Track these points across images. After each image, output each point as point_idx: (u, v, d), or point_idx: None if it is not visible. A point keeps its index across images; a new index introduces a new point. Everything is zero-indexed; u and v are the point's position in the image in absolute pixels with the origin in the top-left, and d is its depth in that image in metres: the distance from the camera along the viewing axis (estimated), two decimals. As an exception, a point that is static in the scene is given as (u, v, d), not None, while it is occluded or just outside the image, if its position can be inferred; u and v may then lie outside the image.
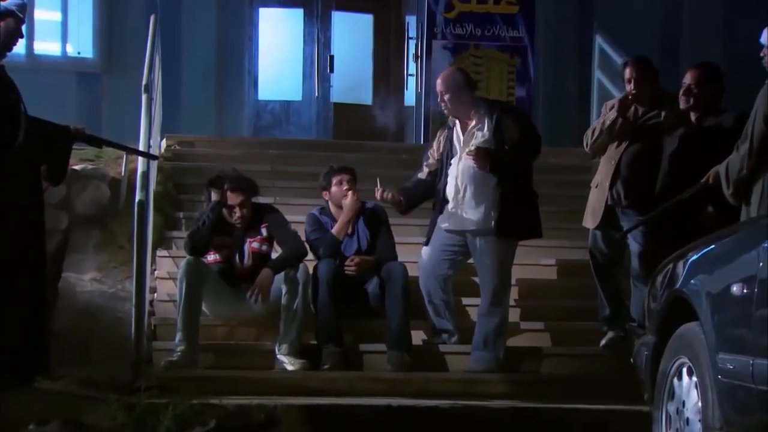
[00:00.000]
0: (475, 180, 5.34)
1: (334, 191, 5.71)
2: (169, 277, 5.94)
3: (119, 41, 9.29)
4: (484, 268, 5.38)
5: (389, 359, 5.36)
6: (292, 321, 5.33)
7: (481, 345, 5.37)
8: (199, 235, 5.43)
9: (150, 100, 6.31)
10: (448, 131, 5.50)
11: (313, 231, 5.69)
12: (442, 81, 5.40)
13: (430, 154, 5.56)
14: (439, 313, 5.51)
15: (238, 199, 5.50)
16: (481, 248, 5.37)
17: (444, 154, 5.47)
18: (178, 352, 5.23)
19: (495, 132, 5.32)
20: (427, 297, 5.49)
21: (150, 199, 5.85)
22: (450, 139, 5.45)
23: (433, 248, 5.48)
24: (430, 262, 5.47)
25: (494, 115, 5.35)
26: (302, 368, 5.27)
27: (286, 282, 5.37)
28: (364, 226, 5.73)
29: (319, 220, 5.75)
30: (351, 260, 5.58)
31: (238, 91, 9.80)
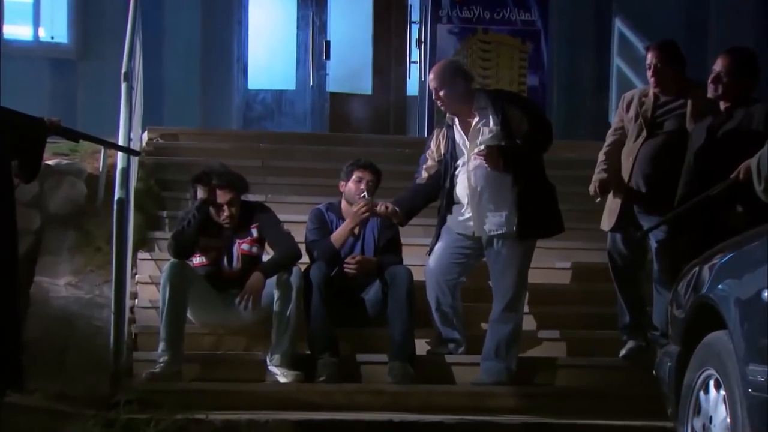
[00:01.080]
0: (489, 181, 5.33)
1: (350, 187, 5.69)
2: (151, 281, 5.95)
3: (96, 25, 9.29)
4: (501, 272, 5.39)
5: (390, 370, 5.36)
6: (285, 329, 5.33)
7: (492, 354, 5.37)
8: (183, 235, 5.43)
9: (130, 89, 6.31)
10: (447, 130, 5.46)
11: (313, 230, 5.69)
12: (436, 76, 5.35)
13: (429, 156, 5.52)
14: (448, 322, 5.51)
15: (226, 197, 5.51)
16: (498, 251, 5.37)
17: (447, 155, 5.44)
18: (161, 363, 5.24)
19: (503, 125, 5.31)
20: (434, 304, 5.49)
21: (130, 197, 5.85)
22: (452, 139, 5.42)
23: (442, 252, 5.48)
24: (439, 267, 5.47)
25: (498, 106, 5.34)
26: (296, 380, 5.28)
27: (279, 287, 5.38)
28: (376, 228, 5.71)
29: (324, 217, 5.73)
30: (352, 257, 5.57)
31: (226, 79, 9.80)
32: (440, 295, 5.47)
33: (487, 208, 5.35)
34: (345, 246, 5.66)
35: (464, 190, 5.40)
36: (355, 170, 5.68)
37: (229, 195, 5.51)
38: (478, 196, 5.36)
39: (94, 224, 6.56)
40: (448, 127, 5.47)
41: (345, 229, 5.62)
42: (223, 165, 5.66)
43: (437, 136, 5.53)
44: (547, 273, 6.28)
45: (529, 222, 5.31)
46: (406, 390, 5.27)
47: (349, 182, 5.68)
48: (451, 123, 5.45)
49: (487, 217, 5.35)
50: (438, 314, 5.50)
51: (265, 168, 7.47)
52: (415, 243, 6.24)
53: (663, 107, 5.41)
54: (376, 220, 5.69)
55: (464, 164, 5.39)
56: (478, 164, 5.32)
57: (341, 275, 5.59)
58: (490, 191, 5.34)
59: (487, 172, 5.32)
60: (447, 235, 5.48)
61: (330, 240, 5.61)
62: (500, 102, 5.37)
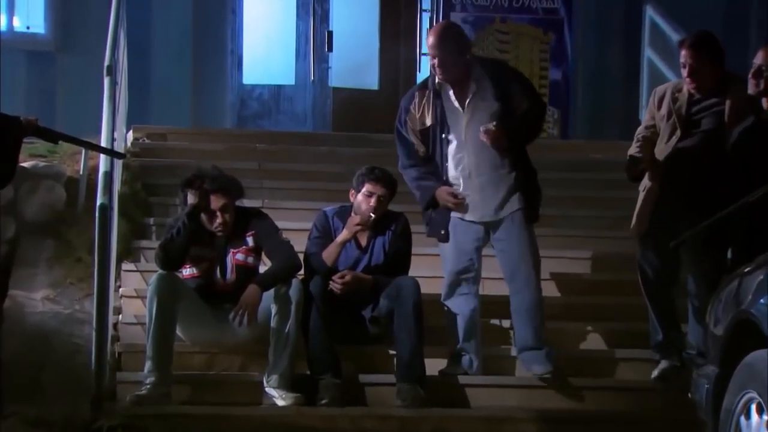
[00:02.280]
0: (489, 160, 5.39)
1: (359, 201, 5.67)
2: (136, 295, 5.96)
3: (77, 13, 9.32)
4: (521, 255, 5.44)
5: (399, 393, 5.37)
6: (284, 347, 5.34)
7: (533, 342, 5.44)
8: (172, 245, 5.45)
9: (114, 84, 6.33)
10: (434, 97, 5.43)
11: (314, 240, 5.69)
12: (436, 37, 5.35)
13: (410, 129, 5.47)
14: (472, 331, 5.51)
15: (219, 203, 5.52)
16: (510, 233, 5.43)
17: (436, 126, 5.43)
18: (148, 385, 5.24)
19: (503, 101, 5.35)
20: (456, 308, 5.50)
21: (114, 203, 5.87)
22: (440, 107, 5.41)
23: (456, 244, 5.48)
24: (459, 263, 5.47)
25: (499, 79, 5.39)
26: (295, 403, 5.29)
27: (277, 301, 5.39)
28: (387, 240, 5.70)
29: (328, 225, 5.73)
30: (340, 276, 5.57)
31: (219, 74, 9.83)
32: (465, 301, 5.47)
33: (488, 190, 5.41)
34: (349, 259, 5.66)
35: (460, 171, 5.41)
36: (366, 182, 5.66)
37: (223, 200, 5.52)
38: (476, 178, 5.40)
39: (74, 232, 6.57)
40: (434, 94, 5.44)
41: (336, 245, 5.61)
42: (215, 167, 5.68)
43: (418, 102, 5.48)
44: (571, 284, 6.28)
45: (531, 203, 5.43)
46: (417, 414, 5.28)
47: (359, 195, 5.67)
48: (440, 89, 5.42)
49: (487, 199, 5.41)
50: (467, 321, 5.49)
51: (262, 171, 7.48)
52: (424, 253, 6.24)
53: (699, 104, 5.41)
54: (387, 231, 5.69)
55: (457, 139, 5.39)
56: (477, 143, 5.33)
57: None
58: (491, 171, 5.40)
59: (487, 151, 5.35)
60: (454, 226, 5.48)
61: (321, 256, 5.61)
62: (501, 75, 5.42)
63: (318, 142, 8.40)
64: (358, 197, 5.67)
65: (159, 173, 7.29)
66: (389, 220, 5.73)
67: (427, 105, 5.45)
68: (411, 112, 5.50)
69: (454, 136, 5.42)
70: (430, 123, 5.46)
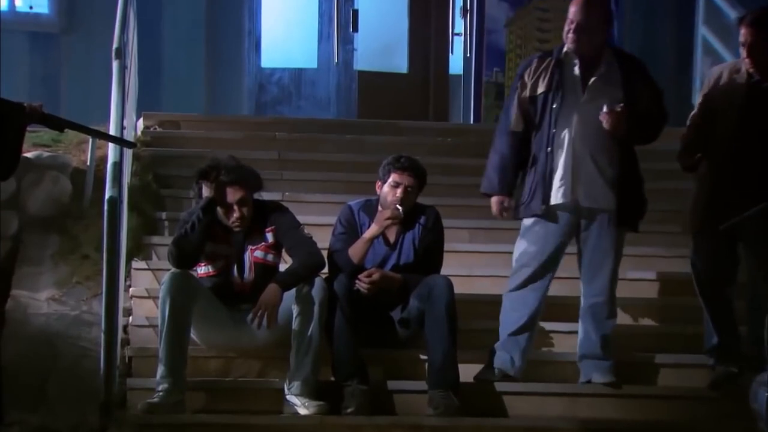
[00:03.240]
0: (596, 144, 5.40)
1: (385, 192, 5.68)
2: (148, 295, 5.98)
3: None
4: (605, 253, 5.46)
5: (431, 401, 5.37)
6: (306, 351, 5.35)
7: (598, 350, 5.47)
8: (186, 241, 5.46)
9: (123, 68, 6.36)
10: (554, 65, 5.45)
11: (339, 236, 5.70)
12: (582, 2, 5.37)
13: (519, 98, 5.47)
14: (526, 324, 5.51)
15: (236, 196, 5.53)
16: (602, 228, 5.44)
17: (550, 93, 5.43)
18: (161, 392, 5.27)
19: (627, 93, 5.38)
20: (521, 301, 5.49)
21: (124, 196, 5.89)
22: (560, 79, 5.43)
23: (542, 232, 5.47)
24: (541, 254, 5.46)
25: (629, 72, 5.44)
26: (319, 412, 5.29)
27: (299, 301, 5.40)
28: (417, 235, 5.70)
29: (353, 219, 5.73)
30: (368, 275, 5.58)
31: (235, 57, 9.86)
32: (534, 296, 5.49)
33: (593, 175, 5.42)
34: (377, 257, 5.66)
35: (565, 145, 5.42)
36: (392, 172, 5.67)
37: (240, 193, 5.53)
38: (582, 157, 5.40)
39: (80, 228, 6.60)
40: (556, 62, 5.45)
41: (364, 241, 5.61)
42: (232, 158, 5.68)
43: (535, 68, 5.49)
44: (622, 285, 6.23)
45: (630, 204, 5.44)
46: (450, 424, 5.27)
47: (385, 186, 5.69)
48: (565, 59, 5.43)
49: (590, 184, 5.42)
50: (528, 318, 5.49)
51: (282, 161, 7.48)
52: (458, 249, 6.25)
53: (759, 86, 5.38)
54: (417, 225, 5.69)
55: (567, 114, 5.39)
56: (593, 122, 5.33)
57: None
58: (600, 155, 5.41)
59: (601, 133, 5.36)
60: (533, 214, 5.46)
61: (347, 253, 5.62)
62: (635, 71, 5.47)
63: (343, 129, 8.40)
64: (384, 188, 5.68)
65: (172, 164, 7.31)
66: (418, 214, 5.73)
67: (545, 73, 5.46)
68: (523, 79, 5.51)
69: (565, 111, 5.43)
70: (543, 90, 5.45)
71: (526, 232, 5.56)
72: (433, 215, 5.76)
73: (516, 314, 5.53)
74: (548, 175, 5.44)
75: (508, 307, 5.56)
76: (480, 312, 5.97)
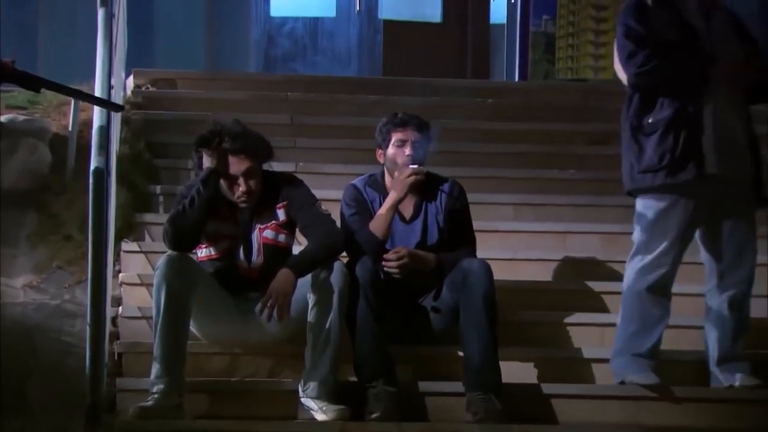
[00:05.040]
0: (736, 105, 5.44)
1: (391, 154, 5.73)
2: (140, 282, 6.02)
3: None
4: (739, 241, 5.48)
5: (469, 405, 5.38)
6: (324, 348, 5.37)
7: (740, 349, 5.51)
8: (185, 219, 5.48)
9: (110, 17, 6.37)
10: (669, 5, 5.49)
11: (352, 217, 5.72)
12: None
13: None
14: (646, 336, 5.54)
15: (242, 166, 5.54)
16: (741, 205, 5.47)
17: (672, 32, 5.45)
18: (156, 394, 5.29)
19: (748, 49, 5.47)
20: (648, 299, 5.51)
21: (112, 167, 5.91)
22: (680, 17, 5.46)
23: (673, 212, 5.47)
24: (667, 236, 5.46)
25: (743, 31, 5.56)
26: (339, 418, 5.31)
27: (315, 289, 5.41)
28: (441, 205, 5.72)
29: (362, 196, 5.77)
30: (395, 252, 5.60)
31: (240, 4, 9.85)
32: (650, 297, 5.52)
33: (733, 141, 5.43)
34: (394, 237, 5.66)
35: (709, 111, 5.44)
36: (392, 132, 5.73)
37: (247, 163, 5.54)
38: (727, 115, 5.43)
39: (62, 204, 6.63)
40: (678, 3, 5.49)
41: (386, 209, 5.62)
42: (237, 122, 5.69)
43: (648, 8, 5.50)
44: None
45: (763, 179, 5.51)
46: (491, 431, 5.27)
47: (389, 149, 5.73)
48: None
49: (728, 150, 5.42)
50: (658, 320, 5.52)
51: (296, 126, 7.50)
52: (500, 229, 6.25)
53: None
54: (440, 194, 5.69)
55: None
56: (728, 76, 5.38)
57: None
58: (738, 118, 5.45)
59: (734, 95, 5.42)
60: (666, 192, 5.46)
61: (369, 229, 5.64)
62: (748, 32, 5.57)
63: (365, 89, 8.40)
64: (388, 153, 5.73)
65: (167, 129, 7.33)
66: (438, 182, 5.75)
67: (663, 10, 5.50)
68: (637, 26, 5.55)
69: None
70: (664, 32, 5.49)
71: (654, 211, 5.53)
72: (457, 184, 5.78)
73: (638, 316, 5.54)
74: (686, 138, 5.45)
75: (635, 308, 5.56)
76: (525, 301, 5.98)
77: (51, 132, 6.99)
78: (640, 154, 5.49)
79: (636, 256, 5.55)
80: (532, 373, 5.76)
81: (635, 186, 5.54)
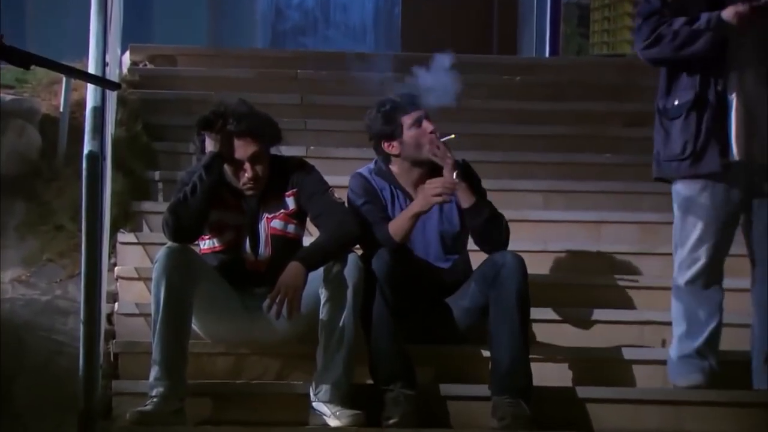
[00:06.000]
0: (764, 84, 5.45)
1: (412, 137, 5.71)
2: (138, 276, 6.03)
3: None
4: None
5: (495, 410, 5.38)
6: (338, 348, 5.37)
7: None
8: (186, 208, 5.49)
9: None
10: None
11: (365, 205, 5.69)
12: None
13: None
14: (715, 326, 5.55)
15: (248, 150, 5.55)
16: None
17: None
18: (155, 398, 5.31)
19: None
20: (699, 295, 5.53)
21: (107, 151, 5.92)
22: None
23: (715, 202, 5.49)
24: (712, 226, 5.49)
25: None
26: (353, 423, 5.32)
27: (328, 284, 5.42)
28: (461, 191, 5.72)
29: (371, 185, 5.75)
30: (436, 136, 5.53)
31: (246, -27, 9.85)
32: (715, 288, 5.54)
33: (760, 120, 5.43)
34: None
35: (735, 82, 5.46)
36: (401, 116, 5.71)
37: (253, 147, 5.55)
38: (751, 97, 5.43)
39: (53, 191, 6.64)
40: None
41: (408, 217, 5.58)
42: (243, 102, 5.70)
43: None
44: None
45: None
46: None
47: (406, 133, 5.71)
48: None
49: (757, 133, 5.42)
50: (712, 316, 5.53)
51: (306, 106, 7.51)
52: (529, 218, 6.23)
53: None
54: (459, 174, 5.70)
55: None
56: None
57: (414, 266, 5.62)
58: (765, 93, 5.45)
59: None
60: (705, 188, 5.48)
61: (388, 231, 5.62)
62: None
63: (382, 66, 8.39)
64: (406, 139, 5.71)
65: (166, 110, 7.34)
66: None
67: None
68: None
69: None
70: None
71: (689, 201, 5.54)
72: (468, 166, 5.77)
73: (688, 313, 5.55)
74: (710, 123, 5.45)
75: (681, 311, 5.58)
76: (555, 297, 5.98)
77: (41, 113, 7.00)
78: (665, 140, 5.51)
79: (675, 249, 5.56)
80: (565, 375, 5.77)
81: (662, 174, 5.55)
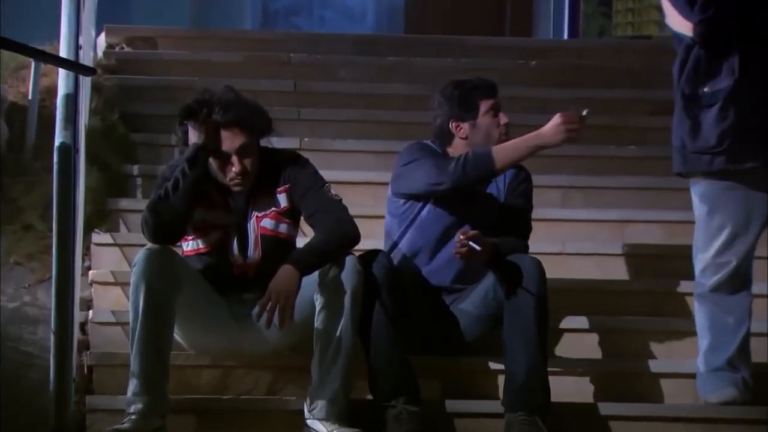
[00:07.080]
0: None
1: (485, 125, 5.75)
2: (114, 281, 6.04)
3: None
4: None
5: (509, 427, 5.39)
6: (334, 359, 5.38)
7: None
8: (167, 205, 5.49)
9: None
10: None
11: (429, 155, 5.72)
12: None
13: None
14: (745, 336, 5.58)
15: (236, 142, 5.55)
16: None
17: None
18: (133, 415, 5.31)
19: None
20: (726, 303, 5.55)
21: (80, 143, 5.92)
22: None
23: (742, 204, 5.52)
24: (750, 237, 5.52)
25: None
26: (352, 443, 5.34)
27: (323, 289, 5.42)
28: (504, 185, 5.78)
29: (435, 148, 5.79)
30: (464, 233, 5.59)
31: (233, -53, 9.87)
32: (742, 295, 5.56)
33: None
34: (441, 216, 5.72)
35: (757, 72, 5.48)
36: (481, 99, 5.75)
37: (241, 139, 5.55)
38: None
39: (20, 188, 6.65)
40: None
41: (526, 145, 5.59)
42: (230, 89, 5.70)
43: None
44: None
45: None
46: (536, 460, 5.32)
47: (480, 118, 5.75)
48: None
49: None
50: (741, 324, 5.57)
51: (300, 93, 7.51)
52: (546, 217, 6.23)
53: None
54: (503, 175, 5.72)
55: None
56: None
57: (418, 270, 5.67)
58: None
59: None
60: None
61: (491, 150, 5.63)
62: None
63: (384, 49, 8.40)
64: (480, 123, 5.75)
65: (146, 98, 7.35)
66: None
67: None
68: None
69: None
70: None
71: (717, 200, 5.55)
72: (525, 169, 5.83)
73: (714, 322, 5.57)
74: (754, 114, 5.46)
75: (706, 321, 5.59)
76: (575, 303, 5.98)
77: (7, 101, 7.02)
78: (694, 130, 5.49)
79: (696, 254, 5.55)
80: (585, 389, 5.79)
81: (687, 169, 5.53)
